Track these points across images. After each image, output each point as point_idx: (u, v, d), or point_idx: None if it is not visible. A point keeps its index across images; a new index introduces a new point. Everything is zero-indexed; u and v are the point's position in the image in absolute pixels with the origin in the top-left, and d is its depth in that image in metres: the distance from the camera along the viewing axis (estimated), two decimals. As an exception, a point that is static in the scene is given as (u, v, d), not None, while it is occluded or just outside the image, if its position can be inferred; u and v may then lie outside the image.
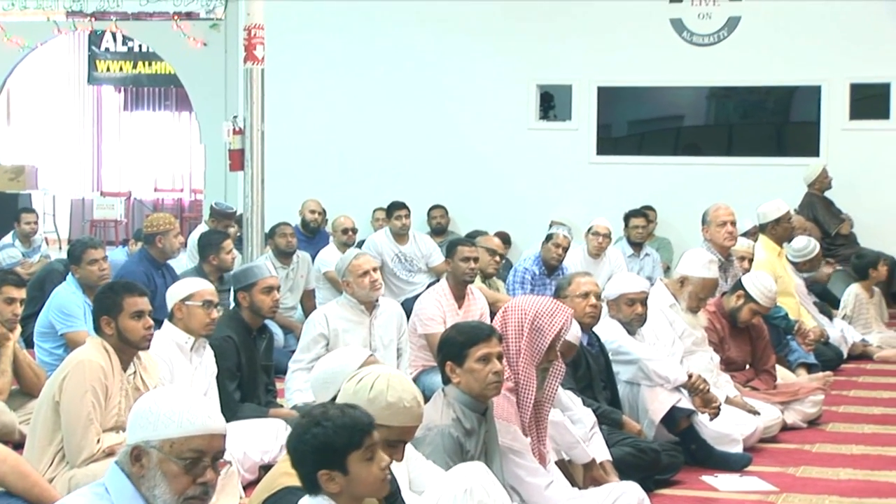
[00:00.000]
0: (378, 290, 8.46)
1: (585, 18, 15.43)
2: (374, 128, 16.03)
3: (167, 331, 6.99)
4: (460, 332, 5.62)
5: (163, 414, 3.66)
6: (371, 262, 8.49)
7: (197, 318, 6.95)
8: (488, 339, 5.52)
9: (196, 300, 6.97)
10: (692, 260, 8.81)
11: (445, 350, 5.55)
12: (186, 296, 6.99)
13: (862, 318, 12.02)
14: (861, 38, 14.61)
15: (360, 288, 8.35)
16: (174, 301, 7.01)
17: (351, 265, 8.40)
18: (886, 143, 14.62)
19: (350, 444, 3.84)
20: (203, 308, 6.95)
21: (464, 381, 5.47)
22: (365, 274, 8.35)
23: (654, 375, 7.76)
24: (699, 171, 15.13)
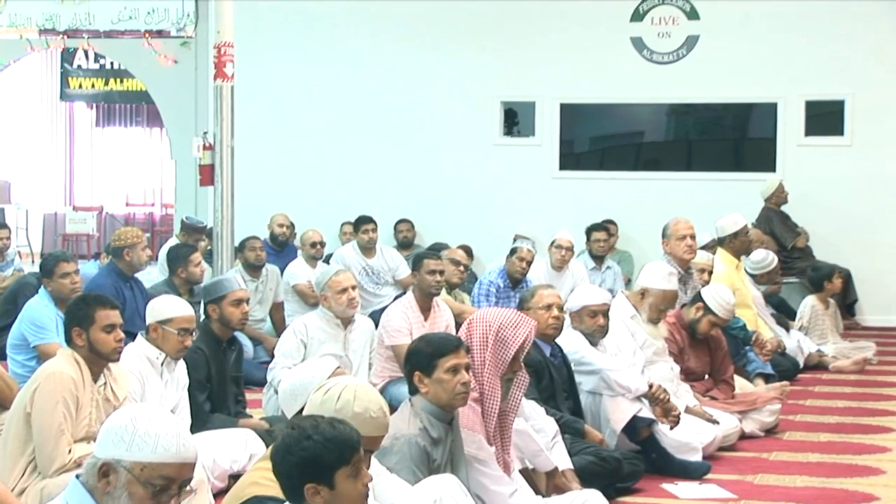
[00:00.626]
0: (355, 307, 8.49)
1: (548, 37, 15.45)
2: (341, 143, 16.02)
3: (139, 345, 6.93)
4: (429, 343, 5.59)
5: (139, 435, 3.56)
6: (350, 281, 8.50)
7: (171, 342, 6.90)
8: (456, 350, 5.51)
9: (173, 326, 6.89)
10: (652, 272, 8.82)
11: (414, 361, 5.52)
12: (165, 319, 6.90)
13: (818, 329, 12.08)
14: (816, 56, 14.67)
15: (337, 304, 8.35)
16: (152, 320, 6.94)
17: (331, 281, 8.40)
18: (841, 158, 14.69)
19: (340, 460, 3.79)
20: (178, 335, 6.89)
21: (432, 392, 5.45)
22: (344, 291, 8.36)
23: (615, 385, 7.77)
24: (659, 186, 15.16)
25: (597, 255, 13.69)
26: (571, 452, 6.84)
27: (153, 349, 6.90)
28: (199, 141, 10.48)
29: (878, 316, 14.23)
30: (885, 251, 13.87)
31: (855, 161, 14.61)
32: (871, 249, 14.23)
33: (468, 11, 15.68)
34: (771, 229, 14.18)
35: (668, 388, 8.15)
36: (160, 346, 6.89)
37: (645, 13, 15.29)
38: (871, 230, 14.35)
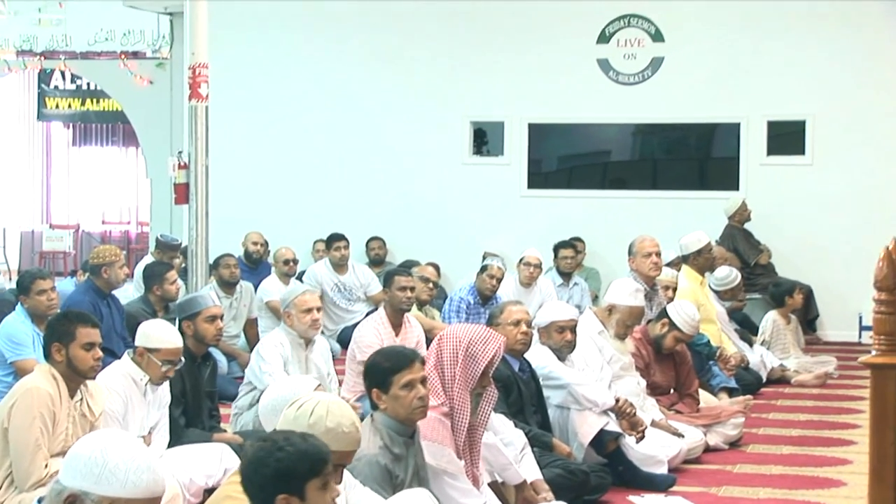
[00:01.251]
0: (317, 329, 8.37)
1: (517, 58, 15.49)
2: (314, 162, 16.01)
3: (125, 364, 6.88)
4: (386, 358, 5.51)
5: (108, 469, 3.40)
6: (316, 302, 8.40)
7: (154, 370, 6.84)
8: (412, 364, 5.42)
9: (159, 356, 6.84)
10: (619, 289, 8.85)
11: (371, 377, 5.44)
12: (153, 348, 6.86)
13: (780, 344, 12.12)
14: (777, 77, 14.73)
15: (300, 322, 8.25)
16: (141, 344, 6.90)
17: (297, 300, 8.30)
18: (802, 177, 14.74)
19: (311, 472, 3.76)
20: (162, 365, 6.86)
21: (390, 407, 5.37)
22: (308, 311, 8.25)
23: (582, 400, 7.79)
24: (625, 204, 15.19)
25: (564, 272, 13.73)
26: (540, 465, 6.85)
27: (138, 371, 6.86)
28: (174, 160, 10.47)
29: (839, 331, 14.28)
30: (846, 268, 13.91)
31: (816, 180, 14.67)
32: (832, 266, 14.28)
33: (438, 34, 15.71)
34: (734, 246, 14.22)
35: (635, 402, 8.17)
36: (144, 370, 6.86)
37: (611, 35, 15.34)
38: (832, 247, 14.41)
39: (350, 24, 15.97)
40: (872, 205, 14.17)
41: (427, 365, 6.03)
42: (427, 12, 15.74)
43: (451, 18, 15.67)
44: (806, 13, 14.67)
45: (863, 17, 14.49)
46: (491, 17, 15.57)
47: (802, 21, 14.68)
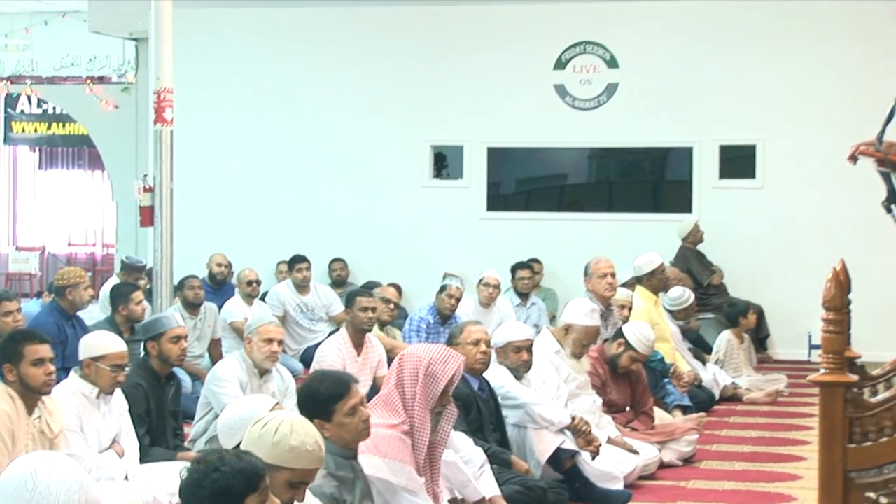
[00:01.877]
0: (273, 362, 8.17)
1: (476, 84, 15.52)
2: (277, 185, 15.99)
3: (72, 382, 6.86)
4: (324, 386, 5.28)
5: (38, 492, 3.34)
6: (279, 335, 8.25)
7: (104, 378, 6.84)
8: (350, 389, 5.27)
9: (105, 363, 6.84)
10: (575, 309, 8.87)
11: (312, 407, 5.19)
12: (98, 356, 6.86)
13: (733, 363, 12.17)
14: (729, 103, 14.82)
15: (259, 351, 8.07)
16: (85, 356, 6.89)
17: (261, 328, 8.16)
18: (753, 200, 14.82)
19: (248, 488, 3.75)
20: (111, 371, 6.85)
21: (335, 434, 5.18)
22: (269, 341, 8.08)
23: (539, 419, 7.80)
24: (582, 226, 15.23)
25: (521, 293, 13.75)
26: (499, 482, 6.85)
27: (86, 385, 6.84)
28: (139, 183, 10.42)
29: (789, 350, 14.34)
30: (795, 288, 13.97)
31: (766, 202, 14.74)
32: (782, 286, 14.34)
33: (399, 61, 15.72)
34: (687, 267, 14.28)
35: (591, 420, 8.19)
36: (94, 381, 6.83)
37: (567, 62, 15.40)
38: (782, 268, 14.48)
39: (313, 50, 15.97)
40: (821, 227, 14.25)
41: (388, 384, 6.04)
42: (389, 40, 15.77)
43: (412, 46, 15.70)
44: (757, 42, 14.77)
45: (811, 46, 14.60)
46: (450, 45, 15.60)
47: (753, 49, 14.78)
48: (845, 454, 4.43)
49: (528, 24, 15.41)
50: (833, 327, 4.44)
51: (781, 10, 14.70)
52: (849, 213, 13.67)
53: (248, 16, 16.10)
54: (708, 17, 14.92)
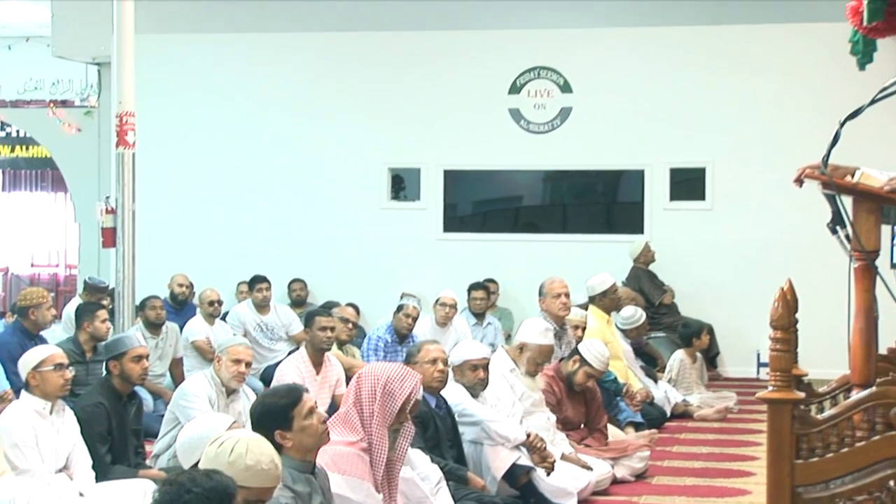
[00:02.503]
0: (240, 382, 8.14)
1: (432, 109, 15.54)
2: (238, 206, 15.94)
3: (24, 400, 6.84)
4: (279, 397, 5.26)
5: None
6: (248, 357, 8.20)
7: (51, 381, 6.83)
8: (303, 394, 5.25)
9: (47, 365, 6.85)
10: (530, 328, 8.88)
11: (270, 420, 5.14)
12: (38, 363, 6.86)
13: (685, 381, 12.20)
14: (679, 127, 14.89)
15: (227, 371, 8.04)
16: (27, 370, 6.87)
17: (231, 348, 8.12)
18: (703, 221, 14.88)
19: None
20: (55, 371, 6.84)
21: (296, 441, 5.13)
22: (238, 362, 8.05)
23: (495, 435, 7.80)
24: (536, 247, 15.25)
25: (477, 312, 13.76)
26: (455, 498, 6.85)
27: (37, 400, 6.83)
28: (101, 205, 10.39)
29: (738, 367, 14.39)
30: (744, 307, 14.03)
31: (715, 224, 14.82)
32: (732, 306, 14.40)
33: (356, 84, 15.72)
34: (639, 287, 14.32)
35: (545, 436, 8.20)
36: (44, 390, 6.82)
37: (522, 86, 15.44)
38: (732, 288, 14.54)
39: (273, 75, 15.95)
40: (769, 248, 14.33)
41: (346, 402, 6.03)
42: (346, 65, 15.76)
43: (370, 72, 15.70)
44: (706, 67, 14.85)
45: (758, 72, 14.69)
46: (407, 70, 15.62)
47: (702, 75, 14.86)
48: (793, 470, 4.44)
49: (484, 49, 15.45)
50: (781, 346, 4.45)
51: (729, 38, 14.80)
52: (796, 234, 13.75)
53: (208, 42, 16.08)
54: (658, 44, 15.00)
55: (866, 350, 4.70)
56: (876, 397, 4.40)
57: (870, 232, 4.65)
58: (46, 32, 17.56)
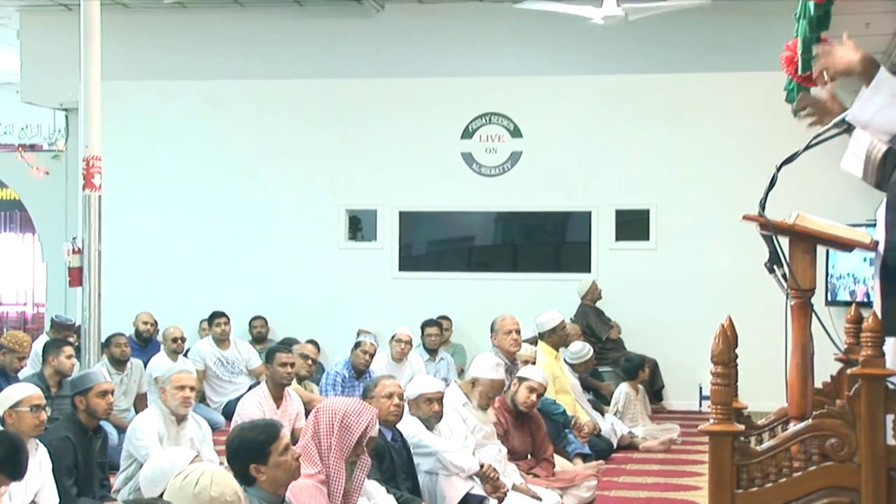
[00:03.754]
0: (188, 407, 8.12)
1: (388, 152, 15.57)
2: (200, 247, 15.87)
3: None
4: (257, 432, 5.23)
5: None
6: (190, 381, 8.19)
7: (27, 421, 6.77)
8: (280, 430, 5.25)
9: (24, 406, 6.78)
10: (482, 363, 8.88)
11: (246, 454, 5.13)
12: (15, 403, 6.80)
13: (630, 413, 12.21)
14: (624, 170, 14.98)
15: (173, 399, 8.01)
16: (4, 408, 6.80)
17: (173, 376, 8.11)
18: (647, 260, 14.95)
19: None
20: (32, 412, 6.78)
21: (270, 476, 5.11)
22: (182, 388, 8.03)
23: (450, 466, 7.78)
24: (488, 285, 15.27)
25: (431, 348, 13.75)
26: (410, 528, 6.82)
27: None
28: (68, 245, 10.33)
29: (682, 401, 14.43)
30: (687, 343, 14.07)
31: (659, 263, 14.89)
32: (675, 341, 14.45)
33: (316, 130, 15.74)
34: (587, 323, 14.35)
35: (497, 467, 8.18)
36: (18, 429, 6.74)
37: (474, 131, 15.49)
38: (675, 324, 14.59)
39: (234, 120, 15.94)
40: (710, 286, 14.40)
41: (305, 435, 6.00)
42: (306, 111, 15.78)
43: (328, 117, 15.73)
44: (650, 114, 14.96)
45: (699, 119, 14.82)
46: (364, 116, 15.64)
47: (646, 121, 14.97)
48: (734, 499, 4.45)
49: (438, 96, 15.51)
50: (721, 380, 4.46)
51: (672, 86, 14.93)
52: (735, 273, 13.83)
53: (172, 88, 16.06)
54: (604, 92, 15.10)
55: (803, 384, 4.72)
56: (812, 429, 4.42)
57: (805, 271, 4.68)
58: (16, 79, 17.49)
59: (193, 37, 16.20)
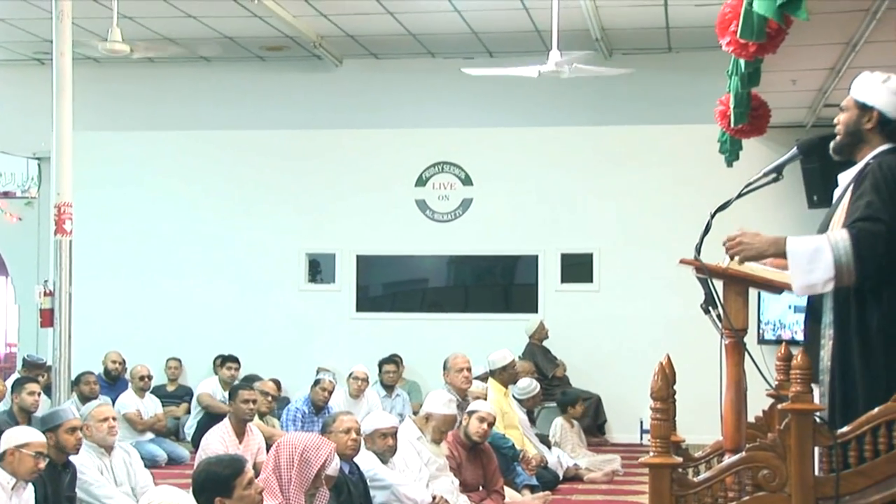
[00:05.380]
0: (114, 435, 8.14)
1: (346, 200, 15.57)
2: (167, 289, 15.79)
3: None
4: (223, 466, 5.22)
5: None
6: (111, 412, 8.24)
7: (26, 465, 6.68)
8: (245, 465, 5.25)
9: (30, 450, 6.70)
10: (435, 399, 8.88)
11: (212, 487, 5.11)
12: (22, 444, 6.70)
13: (567, 444, 12.22)
14: (569, 216, 15.05)
15: (98, 431, 8.01)
16: (8, 445, 6.71)
17: (94, 411, 8.15)
18: (591, 301, 15.00)
19: None
20: (34, 458, 6.70)
21: None
22: (105, 420, 8.06)
23: (404, 498, 7.76)
24: (441, 325, 15.26)
25: (387, 385, 13.71)
26: (366, 557, 6.78)
27: (5, 475, 6.66)
28: (40, 288, 10.24)
29: (624, 434, 14.45)
30: (628, 379, 14.11)
31: (602, 304, 14.94)
32: (617, 378, 14.48)
33: (278, 178, 15.73)
34: (534, 361, 14.35)
35: (450, 498, 8.17)
36: (14, 470, 6.66)
37: (427, 179, 15.53)
38: (617, 362, 14.63)
39: (200, 168, 15.91)
40: (650, 326, 14.45)
41: (266, 468, 5.97)
42: (268, 161, 15.78)
43: (289, 166, 15.73)
44: (593, 164, 15.06)
45: (639, 168, 14.92)
46: (323, 165, 15.66)
47: (590, 170, 15.06)
48: (673, 527, 4.45)
49: (393, 146, 15.55)
50: (660, 415, 4.48)
51: (614, 137, 15.04)
52: (674, 313, 13.89)
53: (140, 139, 16.02)
54: (551, 143, 15.19)
55: (737, 418, 4.75)
56: (746, 461, 4.44)
57: (738, 312, 4.71)
58: (-10, 129, 17.38)
59: (161, 90, 16.19)
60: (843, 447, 4.34)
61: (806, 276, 4.37)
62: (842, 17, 8.63)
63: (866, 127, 4.64)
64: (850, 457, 4.34)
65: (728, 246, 4.59)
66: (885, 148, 4.60)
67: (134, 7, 12.97)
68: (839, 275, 4.34)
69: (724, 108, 8.12)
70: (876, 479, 4.31)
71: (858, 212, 4.40)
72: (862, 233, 4.33)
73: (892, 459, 4.30)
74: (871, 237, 4.32)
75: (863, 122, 4.64)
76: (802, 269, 4.39)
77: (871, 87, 4.62)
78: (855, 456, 4.33)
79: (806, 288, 4.41)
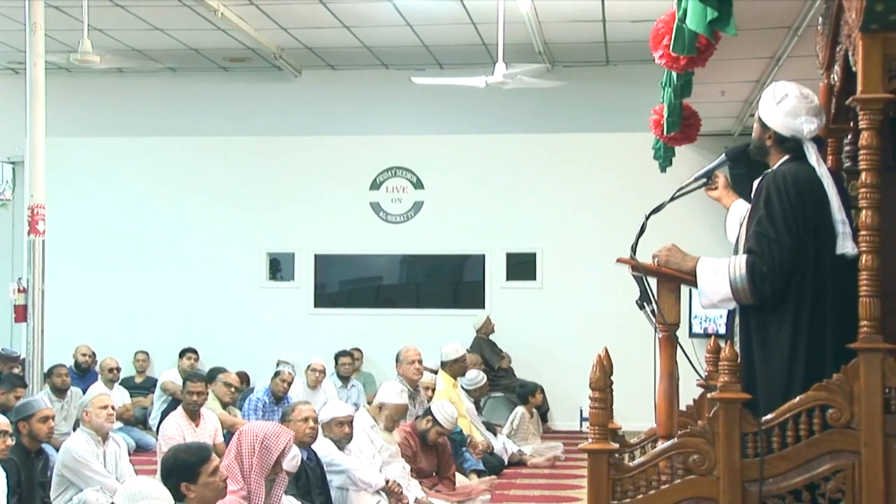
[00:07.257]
0: (111, 423, 7.99)
1: (305, 202, 15.52)
2: (135, 285, 15.67)
3: None
4: (189, 454, 5.17)
5: None
6: (110, 401, 8.09)
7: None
8: (211, 454, 5.21)
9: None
10: (387, 390, 8.87)
11: (178, 473, 5.06)
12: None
13: (523, 433, 12.27)
14: (514, 218, 15.08)
15: (97, 418, 7.85)
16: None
17: (94, 399, 7.97)
18: (534, 298, 15.04)
19: None
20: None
21: (199, 494, 5.05)
22: (105, 407, 7.92)
23: (359, 482, 7.75)
24: (394, 320, 15.25)
25: (343, 376, 13.68)
26: (323, 538, 6.76)
27: None
28: (14, 285, 10.17)
29: (565, 422, 14.50)
30: (569, 370, 14.15)
31: (545, 300, 14.99)
32: (559, 369, 14.52)
33: (241, 181, 15.66)
34: (481, 353, 14.37)
35: (401, 483, 8.17)
36: None
37: (381, 183, 15.51)
38: (559, 354, 14.67)
39: (167, 173, 15.80)
40: (590, 320, 14.50)
41: (228, 455, 5.94)
42: (230, 165, 15.70)
43: (251, 170, 15.66)
44: (536, 168, 15.09)
45: (580, 172, 14.98)
46: (283, 169, 15.60)
47: (533, 174, 15.09)
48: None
49: (349, 152, 15.52)
50: (598, 404, 4.50)
51: (556, 144, 15.08)
52: (611, 309, 13.94)
53: (110, 144, 15.90)
54: (497, 149, 15.21)
55: (669, 407, 4.78)
56: (677, 447, 4.47)
57: (671, 308, 4.74)
58: (-34, 134, 17.15)
59: (129, 98, 16.06)
60: (767, 433, 4.38)
61: (709, 296, 4.59)
62: (767, 34, 8.72)
63: (767, 143, 4.79)
64: (774, 442, 4.38)
65: (657, 258, 4.72)
66: (784, 159, 4.70)
67: (104, 19, 12.86)
68: (737, 297, 4.53)
69: (657, 117, 8.15)
70: (797, 463, 4.36)
71: (751, 239, 4.54)
72: (756, 263, 4.48)
73: (812, 444, 4.35)
74: (762, 265, 4.46)
75: (764, 138, 4.80)
76: (707, 290, 4.58)
77: (768, 108, 4.73)
78: (778, 441, 4.38)
79: (709, 305, 4.63)
